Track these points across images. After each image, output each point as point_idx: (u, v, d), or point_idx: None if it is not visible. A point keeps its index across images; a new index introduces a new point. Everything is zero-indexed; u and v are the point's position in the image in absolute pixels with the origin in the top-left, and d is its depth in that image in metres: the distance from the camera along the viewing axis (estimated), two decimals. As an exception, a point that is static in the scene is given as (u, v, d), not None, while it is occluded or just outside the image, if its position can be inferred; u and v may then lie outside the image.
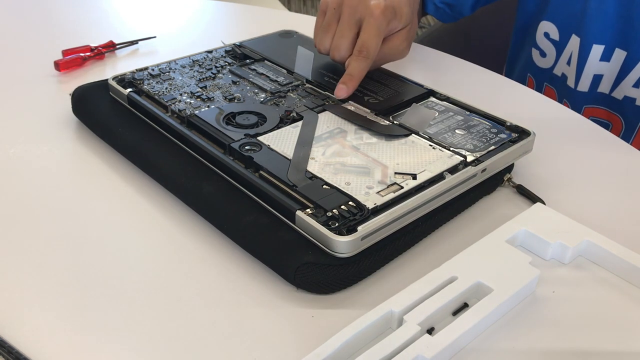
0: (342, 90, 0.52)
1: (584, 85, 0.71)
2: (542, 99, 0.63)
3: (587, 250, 0.41)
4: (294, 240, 0.39)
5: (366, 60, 0.53)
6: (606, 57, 0.69)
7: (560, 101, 0.75)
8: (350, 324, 0.34)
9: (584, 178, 0.50)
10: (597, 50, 0.69)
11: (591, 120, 0.60)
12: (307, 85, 0.55)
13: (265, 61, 0.59)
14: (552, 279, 0.40)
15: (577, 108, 0.73)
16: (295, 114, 0.50)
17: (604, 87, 0.71)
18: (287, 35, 0.66)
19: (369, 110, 0.51)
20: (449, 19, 0.82)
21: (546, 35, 0.74)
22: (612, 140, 0.56)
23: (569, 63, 0.72)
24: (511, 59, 0.84)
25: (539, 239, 0.41)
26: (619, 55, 0.68)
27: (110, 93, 0.55)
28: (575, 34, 0.70)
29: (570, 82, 0.72)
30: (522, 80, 0.80)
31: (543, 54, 0.75)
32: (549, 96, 0.70)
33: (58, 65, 0.63)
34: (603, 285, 0.40)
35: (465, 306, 0.37)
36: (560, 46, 0.73)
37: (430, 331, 0.35)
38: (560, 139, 0.55)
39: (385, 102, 0.52)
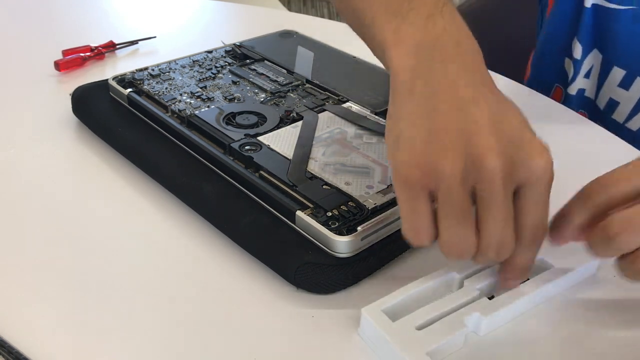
0: (512, 284, 0.37)
1: (600, 105, 0.65)
2: (542, 98, 0.63)
3: None
4: (294, 240, 0.39)
5: (538, 246, 0.35)
6: (625, 84, 0.63)
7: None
8: (412, 282, 0.36)
9: (584, 178, 0.50)
10: (618, 73, 0.63)
11: None
12: (307, 85, 0.55)
13: (265, 61, 0.59)
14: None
15: None
16: (295, 114, 0.50)
17: (618, 116, 0.64)
18: (287, 35, 0.66)
19: (369, 110, 0.51)
20: None
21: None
22: (613, 140, 0.55)
23: (587, 76, 0.66)
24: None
25: None
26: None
27: (110, 93, 0.55)
28: (597, 49, 0.64)
29: (590, 94, 0.66)
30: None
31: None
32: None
33: (58, 65, 0.63)
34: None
35: (525, 280, 0.37)
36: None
37: (489, 298, 0.36)
38: (560, 139, 0.55)
39: (385, 102, 0.52)
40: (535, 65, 0.74)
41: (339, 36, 0.73)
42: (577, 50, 0.65)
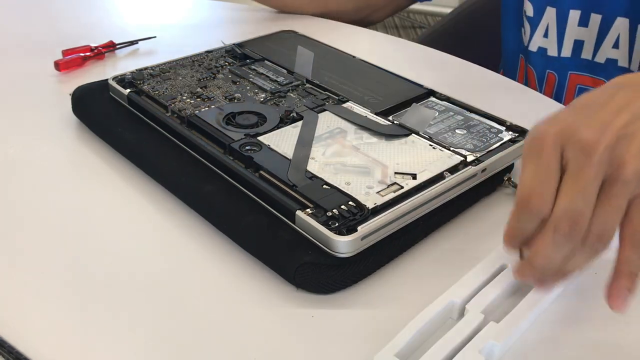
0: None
1: (567, 51, 0.72)
2: (542, 98, 0.63)
3: None
4: (294, 240, 0.39)
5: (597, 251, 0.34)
6: (584, 22, 0.70)
7: (543, 74, 0.75)
8: (413, 319, 0.35)
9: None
10: (574, 15, 0.70)
11: (578, 87, 0.60)
12: (307, 85, 0.55)
13: (265, 61, 0.59)
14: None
15: (563, 75, 0.73)
16: (295, 114, 0.50)
17: (586, 54, 0.72)
18: (287, 35, 0.66)
19: (369, 110, 0.51)
20: None
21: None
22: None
23: (546, 35, 0.73)
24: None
25: None
26: (595, 19, 0.69)
27: (110, 93, 0.55)
28: (549, 5, 0.72)
29: (552, 52, 0.73)
30: (514, 65, 0.79)
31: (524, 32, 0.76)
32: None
33: (58, 65, 0.63)
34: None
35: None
36: (535, 21, 0.74)
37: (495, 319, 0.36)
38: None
39: (385, 102, 0.52)
40: (503, 49, 0.81)
41: (339, 36, 0.73)
42: (529, 9, 0.72)
